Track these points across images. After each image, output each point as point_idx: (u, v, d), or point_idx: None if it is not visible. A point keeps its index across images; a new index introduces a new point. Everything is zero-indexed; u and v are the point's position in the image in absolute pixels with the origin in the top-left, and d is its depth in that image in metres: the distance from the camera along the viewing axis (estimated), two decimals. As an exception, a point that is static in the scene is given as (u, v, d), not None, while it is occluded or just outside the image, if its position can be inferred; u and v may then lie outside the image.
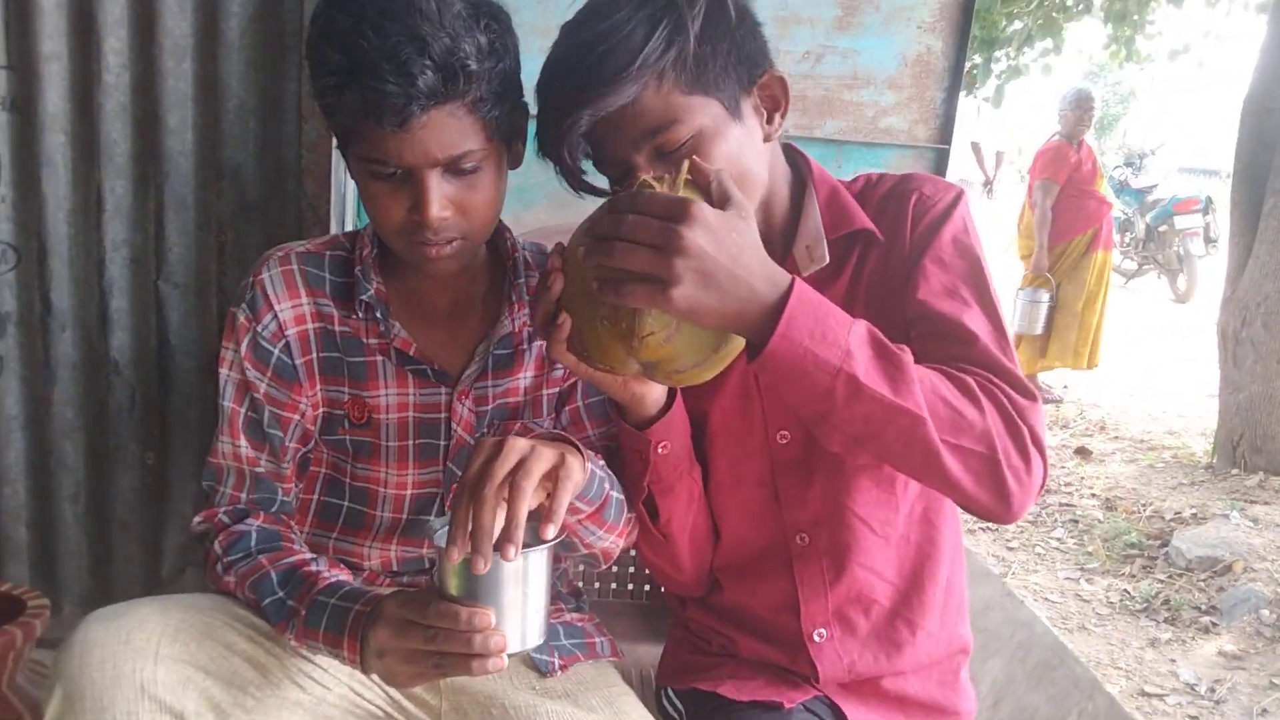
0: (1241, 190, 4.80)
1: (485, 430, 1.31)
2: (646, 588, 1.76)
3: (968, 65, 6.23)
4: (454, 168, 1.12)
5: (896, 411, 0.96)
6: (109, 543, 2.00)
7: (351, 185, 1.86)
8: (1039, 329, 5.91)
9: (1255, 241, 4.63)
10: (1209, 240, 9.67)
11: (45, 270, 1.86)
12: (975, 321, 1.10)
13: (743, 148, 1.12)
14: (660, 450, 1.17)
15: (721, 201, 0.94)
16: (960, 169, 8.31)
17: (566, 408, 1.34)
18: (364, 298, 1.23)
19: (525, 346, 1.31)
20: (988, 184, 8.02)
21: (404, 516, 1.31)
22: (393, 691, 1.25)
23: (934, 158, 1.98)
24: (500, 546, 0.94)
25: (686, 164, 0.99)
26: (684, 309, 0.91)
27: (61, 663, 1.05)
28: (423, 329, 1.28)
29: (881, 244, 1.21)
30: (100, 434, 1.95)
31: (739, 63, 1.11)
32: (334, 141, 1.76)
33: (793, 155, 1.27)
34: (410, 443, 1.28)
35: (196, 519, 1.26)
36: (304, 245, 1.28)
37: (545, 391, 1.33)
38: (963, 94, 6.55)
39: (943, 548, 1.29)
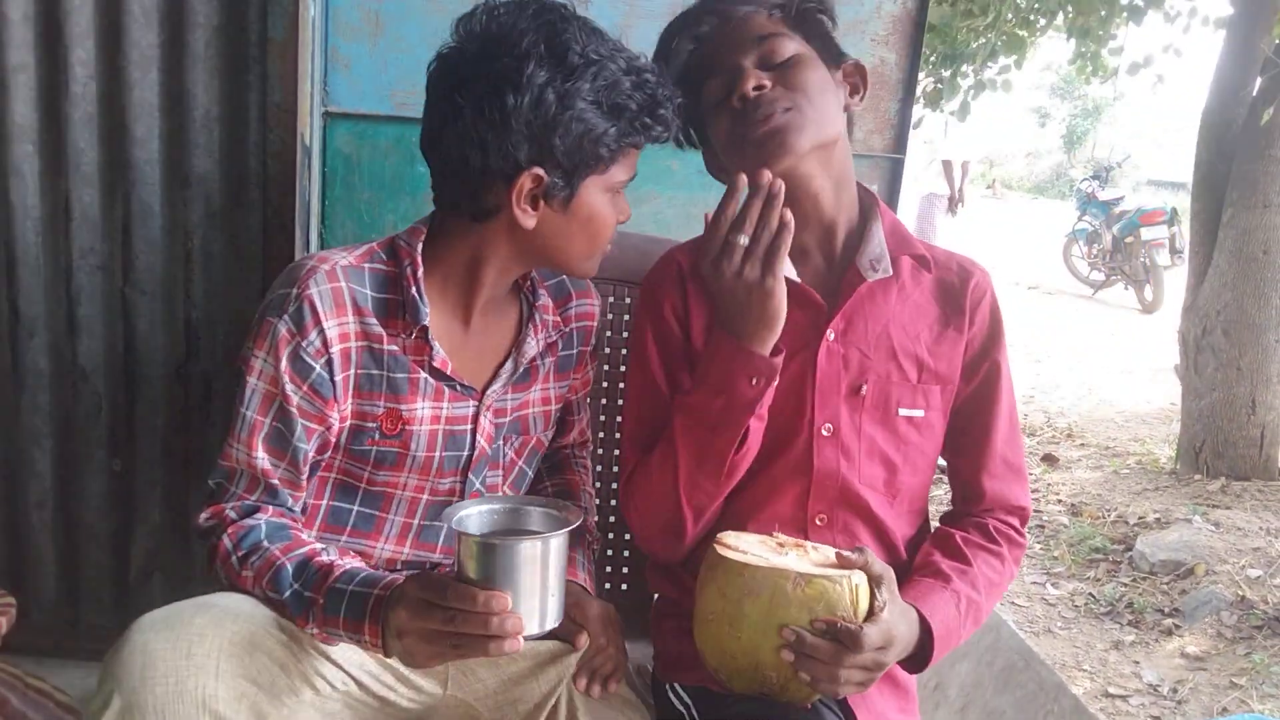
0: (1200, 201, 4.88)
1: (501, 442, 1.38)
2: (624, 587, 1.78)
3: (935, 80, 6.30)
4: None
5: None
6: (76, 549, 2.01)
7: (316, 193, 1.88)
8: None
9: (1215, 251, 4.71)
10: (1174, 251, 9.75)
11: (14, 278, 1.86)
12: (1019, 456, 1.51)
13: (827, 90, 1.32)
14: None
15: (877, 581, 1.17)
16: (932, 184, 8.34)
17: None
18: (423, 323, 1.26)
19: (540, 363, 1.41)
20: (952, 200, 8.08)
21: (416, 521, 1.35)
22: (401, 671, 1.28)
23: (889, 167, 2.01)
24: None
25: (854, 578, 1.15)
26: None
27: (119, 673, 1.07)
28: (454, 345, 1.32)
29: (930, 277, 1.42)
30: (67, 441, 1.96)
31: (828, 41, 1.37)
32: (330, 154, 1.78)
33: (862, 189, 1.43)
34: (438, 454, 1.32)
35: (203, 515, 1.26)
36: (346, 258, 1.28)
37: (552, 406, 1.45)
38: (930, 109, 6.49)
39: (925, 533, 1.49)
